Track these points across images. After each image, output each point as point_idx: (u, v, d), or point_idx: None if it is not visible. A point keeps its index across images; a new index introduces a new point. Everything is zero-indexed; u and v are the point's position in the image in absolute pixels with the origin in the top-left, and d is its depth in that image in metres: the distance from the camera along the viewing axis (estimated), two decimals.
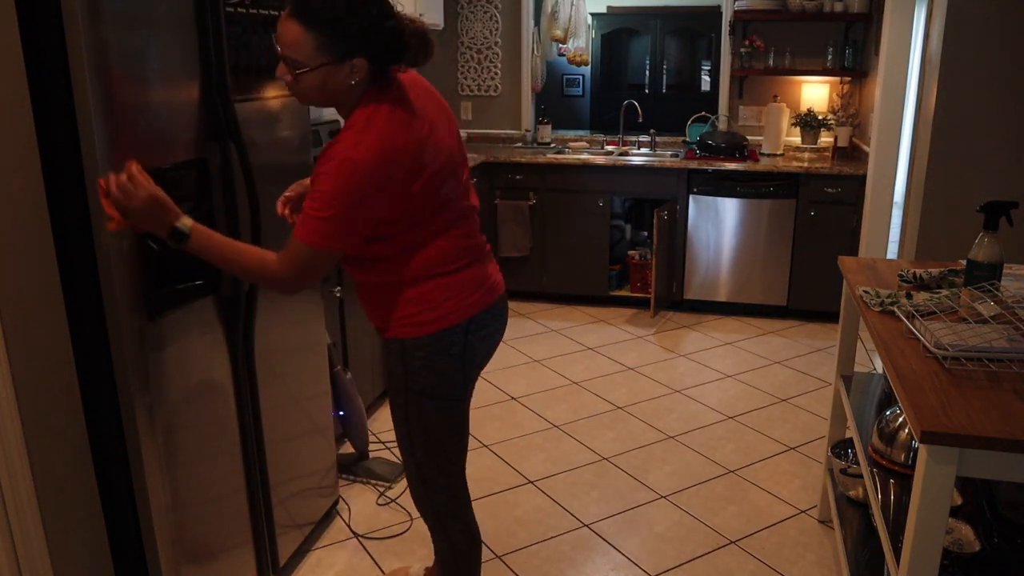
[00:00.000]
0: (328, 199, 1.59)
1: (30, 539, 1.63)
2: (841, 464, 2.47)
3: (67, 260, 1.66)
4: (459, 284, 1.80)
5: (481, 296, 1.85)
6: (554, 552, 2.59)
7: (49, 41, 1.53)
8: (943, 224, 3.55)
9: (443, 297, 1.78)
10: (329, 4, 1.56)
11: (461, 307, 1.81)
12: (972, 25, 3.33)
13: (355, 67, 1.60)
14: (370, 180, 1.59)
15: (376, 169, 1.59)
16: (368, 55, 1.59)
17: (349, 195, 1.59)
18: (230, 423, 2.08)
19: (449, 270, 1.79)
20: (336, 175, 1.59)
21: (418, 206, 1.70)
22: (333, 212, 1.60)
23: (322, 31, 1.55)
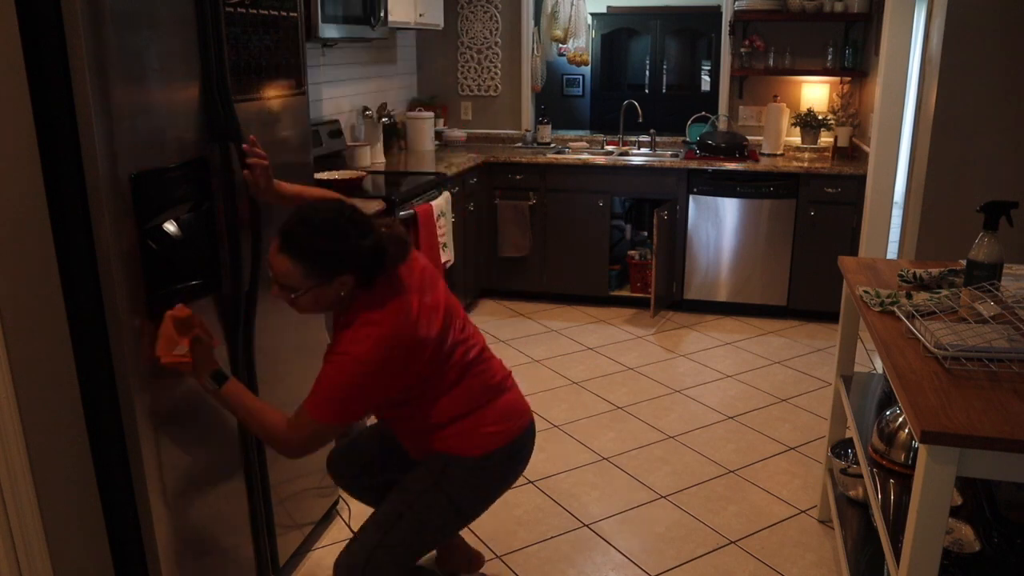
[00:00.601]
0: (334, 387, 1.76)
1: (30, 539, 1.63)
2: (841, 464, 2.47)
3: (67, 260, 1.66)
4: (494, 414, 1.94)
5: (515, 422, 1.98)
6: (554, 552, 2.59)
7: (49, 41, 1.53)
8: (943, 224, 3.55)
9: (481, 426, 1.92)
10: (311, 236, 1.71)
11: (504, 431, 1.94)
12: (972, 25, 3.33)
13: (343, 283, 1.75)
14: (372, 371, 1.75)
15: (376, 362, 1.75)
16: (352, 272, 1.75)
17: (353, 385, 1.76)
18: (230, 423, 2.08)
19: (475, 408, 1.92)
20: (340, 366, 1.75)
21: (425, 375, 1.85)
22: (341, 396, 1.76)
23: (308, 260, 1.71)
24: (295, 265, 1.71)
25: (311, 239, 1.71)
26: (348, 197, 1.98)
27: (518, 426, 1.98)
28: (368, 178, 3.90)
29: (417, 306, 1.81)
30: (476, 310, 4.93)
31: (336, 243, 1.71)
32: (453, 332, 1.91)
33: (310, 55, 3.69)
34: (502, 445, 1.93)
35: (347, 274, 1.73)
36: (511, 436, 1.95)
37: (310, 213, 1.74)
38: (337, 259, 1.72)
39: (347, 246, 1.72)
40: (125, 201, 1.65)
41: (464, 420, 1.91)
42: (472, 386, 1.92)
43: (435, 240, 3.76)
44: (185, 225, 1.82)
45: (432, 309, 1.85)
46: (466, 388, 1.91)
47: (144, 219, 1.70)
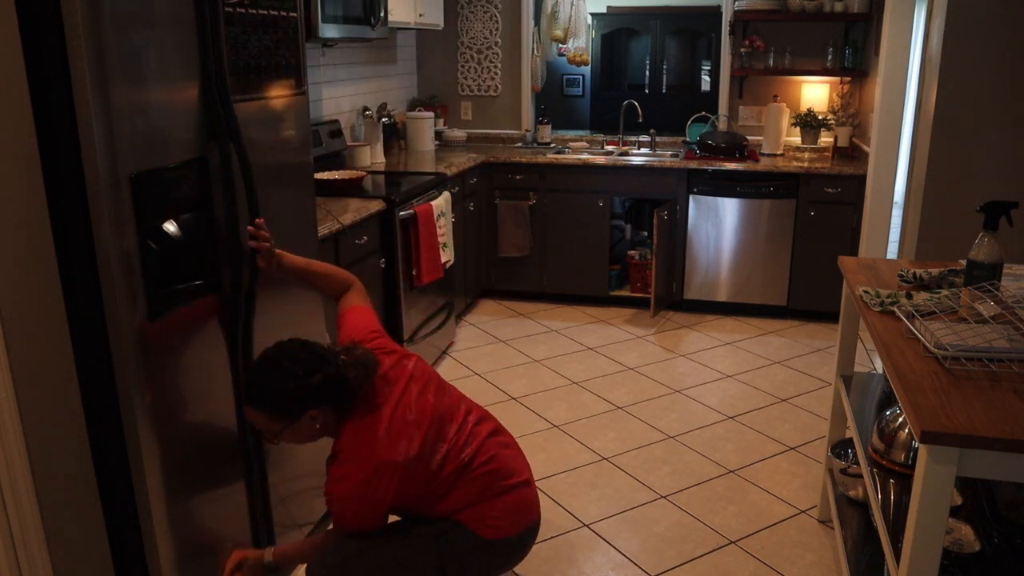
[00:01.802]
0: (343, 517, 1.88)
1: (30, 539, 1.63)
2: (841, 464, 2.47)
3: (67, 260, 1.66)
4: (501, 507, 1.95)
5: (520, 519, 1.98)
6: (554, 552, 2.59)
7: (49, 41, 1.53)
8: (943, 224, 3.55)
9: (488, 516, 1.93)
10: (260, 383, 1.81)
11: (508, 526, 1.95)
12: (972, 25, 3.33)
13: (312, 417, 1.81)
14: (361, 502, 1.82)
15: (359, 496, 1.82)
16: (314, 407, 1.80)
17: (353, 514, 1.85)
18: (230, 423, 2.08)
19: (479, 501, 1.93)
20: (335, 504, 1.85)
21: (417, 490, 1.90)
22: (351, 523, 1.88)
23: (266, 406, 1.80)
24: (259, 412, 1.81)
25: (261, 387, 1.80)
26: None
27: (523, 523, 2.00)
28: (368, 178, 3.90)
29: (393, 426, 1.85)
30: (476, 310, 4.93)
31: (289, 383, 1.78)
32: (444, 442, 1.93)
33: (310, 55, 3.69)
34: (508, 536, 1.96)
35: (310, 410, 1.80)
36: (515, 531, 1.97)
37: (258, 360, 1.87)
38: (292, 400, 1.79)
39: (297, 385, 1.78)
40: (125, 201, 1.65)
41: (471, 509, 1.93)
42: (468, 492, 1.94)
43: (435, 240, 3.77)
44: (185, 225, 1.82)
45: (414, 425, 1.88)
46: (462, 493, 1.93)
47: (144, 219, 1.70)
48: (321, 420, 1.82)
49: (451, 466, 1.92)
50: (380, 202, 3.39)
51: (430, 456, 1.89)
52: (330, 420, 1.85)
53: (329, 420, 1.84)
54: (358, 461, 1.82)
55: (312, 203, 2.48)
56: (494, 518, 1.93)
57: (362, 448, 1.82)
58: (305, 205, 2.43)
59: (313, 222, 2.50)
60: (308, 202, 2.45)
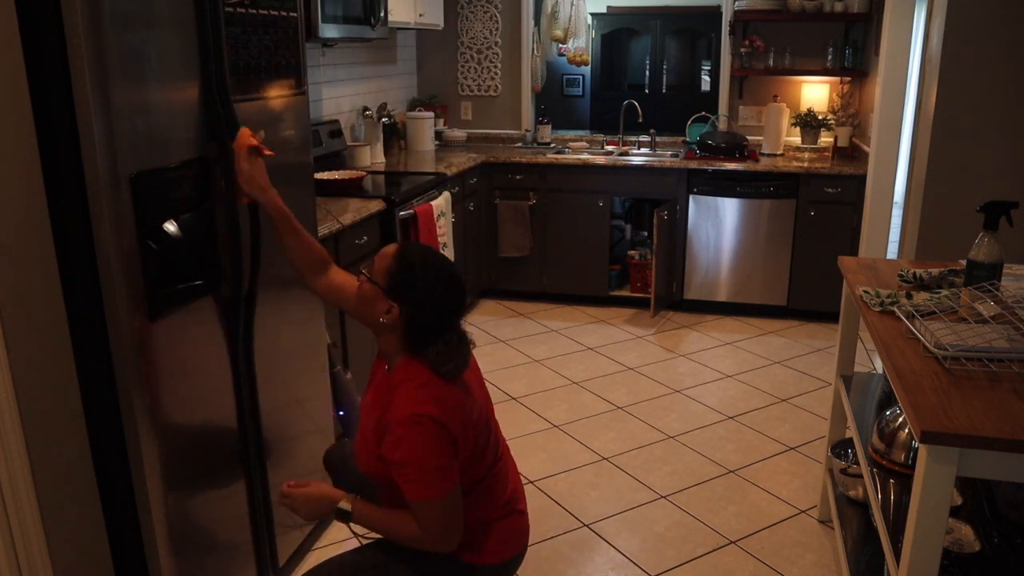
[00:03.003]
0: (417, 457, 1.66)
1: (30, 539, 1.63)
2: (841, 464, 2.47)
3: (67, 260, 1.66)
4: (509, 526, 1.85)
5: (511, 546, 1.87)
6: (554, 552, 2.59)
7: (49, 41, 1.53)
8: (943, 224, 3.55)
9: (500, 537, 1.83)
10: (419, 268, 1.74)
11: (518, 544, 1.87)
12: (972, 25, 3.33)
13: (391, 309, 1.72)
14: (441, 429, 1.66)
15: (441, 419, 1.66)
16: (402, 309, 1.71)
17: (430, 445, 1.66)
18: (230, 423, 2.08)
19: (496, 516, 1.83)
20: (411, 433, 1.66)
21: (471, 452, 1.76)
22: (431, 464, 1.66)
23: (398, 270, 1.73)
24: (391, 264, 1.74)
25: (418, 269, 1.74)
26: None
27: (512, 551, 1.89)
28: (368, 178, 3.90)
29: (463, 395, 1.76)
30: (476, 310, 4.93)
31: (419, 281, 1.73)
32: (488, 435, 1.84)
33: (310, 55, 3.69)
34: (497, 563, 1.85)
35: (398, 304, 1.72)
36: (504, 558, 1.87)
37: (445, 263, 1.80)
38: (406, 288, 1.72)
39: (423, 292, 1.73)
40: (125, 201, 1.65)
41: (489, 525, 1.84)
42: (495, 492, 1.85)
43: (435, 240, 3.76)
44: (185, 225, 1.82)
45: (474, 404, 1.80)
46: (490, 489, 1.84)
47: (144, 219, 1.70)
48: (388, 319, 1.72)
49: (488, 459, 1.82)
50: (380, 202, 3.39)
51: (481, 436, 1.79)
52: (394, 334, 1.75)
53: (393, 332, 1.75)
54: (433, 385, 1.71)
55: (312, 203, 2.48)
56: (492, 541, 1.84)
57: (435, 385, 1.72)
58: (305, 205, 2.43)
59: (313, 222, 2.50)
60: (308, 202, 2.46)
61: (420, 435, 1.65)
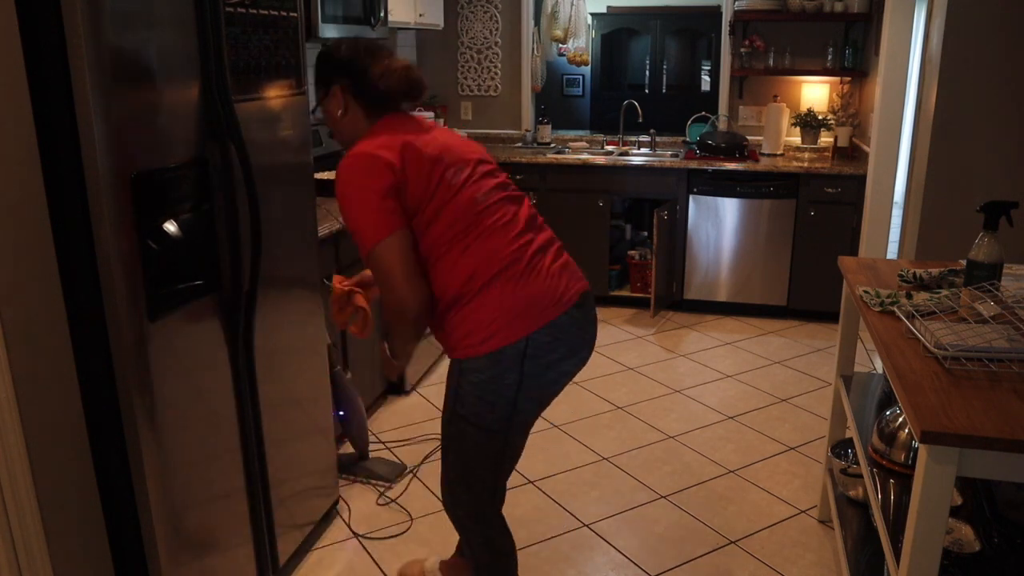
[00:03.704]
0: (346, 204, 1.74)
1: (30, 539, 1.63)
2: (841, 464, 2.47)
3: (67, 260, 1.66)
4: (505, 297, 1.74)
5: (539, 311, 1.75)
6: (554, 552, 2.59)
7: (49, 41, 1.53)
8: (943, 224, 3.55)
9: (490, 314, 1.74)
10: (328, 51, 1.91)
11: (512, 324, 1.74)
12: (972, 25, 3.33)
13: (336, 95, 1.87)
14: (358, 169, 1.74)
15: (361, 161, 1.74)
16: (340, 82, 1.86)
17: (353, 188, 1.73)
18: (230, 423, 2.08)
19: (499, 277, 1.74)
20: (345, 176, 1.74)
21: (434, 190, 1.77)
22: (357, 209, 1.73)
23: (315, 69, 1.91)
24: (315, 82, 1.92)
25: (321, 55, 1.90)
26: None
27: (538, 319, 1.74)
28: None
29: (427, 133, 1.84)
30: None
31: (326, 54, 1.89)
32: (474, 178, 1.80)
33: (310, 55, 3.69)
34: (512, 341, 1.72)
35: (336, 83, 1.85)
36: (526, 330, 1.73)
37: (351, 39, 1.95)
38: (325, 67, 1.88)
39: (333, 54, 1.88)
40: (125, 201, 1.64)
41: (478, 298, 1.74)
42: (493, 252, 1.75)
43: None
44: (185, 225, 1.82)
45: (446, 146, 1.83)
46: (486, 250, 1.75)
47: (144, 219, 1.70)
48: (346, 106, 1.86)
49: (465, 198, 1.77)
50: None
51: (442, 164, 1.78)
52: (357, 118, 1.87)
53: (355, 117, 1.87)
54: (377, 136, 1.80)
55: (312, 203, 2.48)
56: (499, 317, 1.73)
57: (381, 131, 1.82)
58: (305, 205, 2.43)
59: (313, 222, 2.50)
60: (308, 202, 2.46)
61: (352, 175, 1.73)
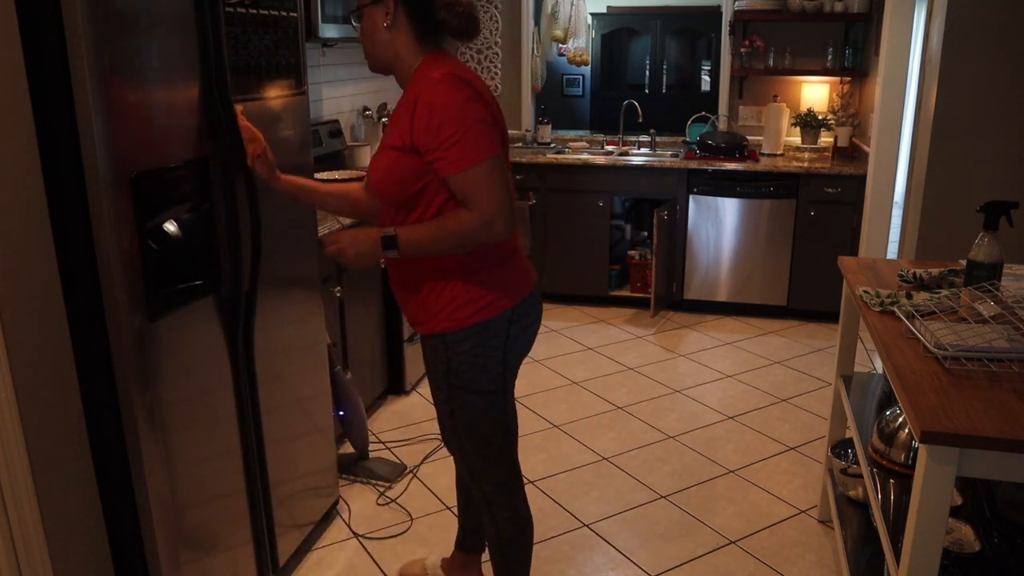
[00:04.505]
0: (453, 120, 1.65)
1: (30, 539, 1.63)
2: (841, 464, 2.47)
3: (67, 260, 1.66)
4: (503, 272, 1.83)
5: (522, 284, 1.88)
6: (554, 552, 2.59)
7: (49, 41, 1.53)
8: (943, 224, 3.55)
9: (488, 287, 1.81)
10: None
11: (504, 296, 1.82)
12: (972, 25, 3.33)
13: (388, 8, 1.75)
14: (459, 90, 1.67)
15: (475, 84, 1.70)
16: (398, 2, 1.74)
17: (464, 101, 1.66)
18: (230, 423, 2.08)
19: (497, 254, 1.82)
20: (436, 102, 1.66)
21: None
22: (467, 125, 1.65)
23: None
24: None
25: None
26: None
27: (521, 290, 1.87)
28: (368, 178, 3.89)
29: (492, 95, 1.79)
30: None
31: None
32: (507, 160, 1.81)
33: (310, 55, 3.68)
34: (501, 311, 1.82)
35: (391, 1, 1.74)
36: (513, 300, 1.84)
37: None
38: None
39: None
40: (125, 201, 1.65)
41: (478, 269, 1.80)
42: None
43: None
44: (185, 225, 1.82)
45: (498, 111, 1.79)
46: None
47: (144, 219, 1.70)
48: (390, 20, 1.75)
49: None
50: None
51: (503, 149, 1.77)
52: (404, 36, 1.77)
53: (403, 35, 1.76)
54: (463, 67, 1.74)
55: None
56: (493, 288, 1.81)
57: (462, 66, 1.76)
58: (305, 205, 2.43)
59: (313, 222, 2.50)
60: None
61: (452, 91, 1.66)
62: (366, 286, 3.35)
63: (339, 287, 3.06)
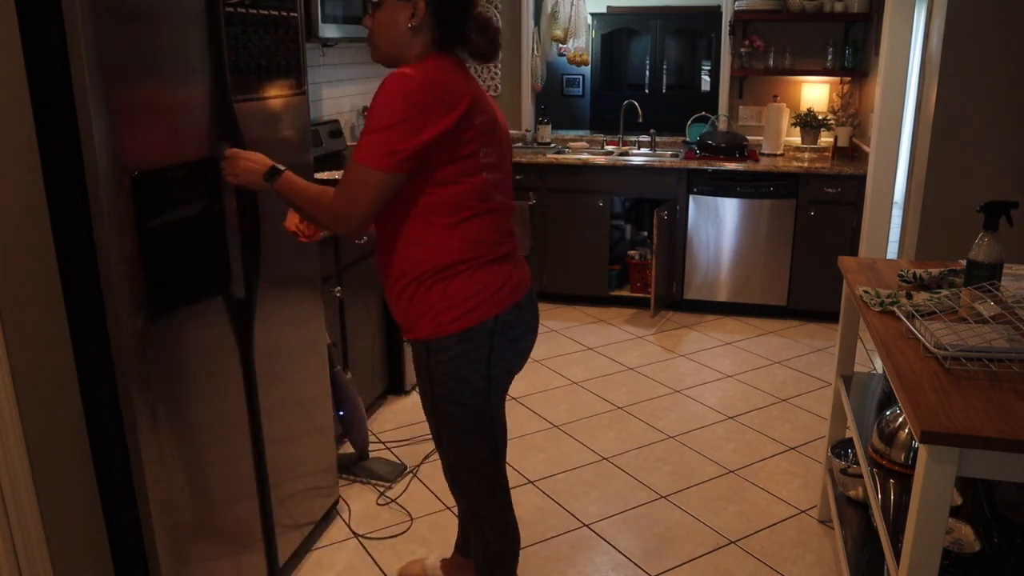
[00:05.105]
0: (381, 110, 1.63)
1: (30, 539, 1.63)
2: (841, 464, 2.47)
3: (67, 260, 1.66)
4: (486, 278, 1.77)
5: (507, 293, 1.81)
6: (554, 552, 2.59)
7: (49, 40, 1.53)
8: (943, 224, 3.55)
9: (469, 293, 1.75)
10: None
11: (485, 304, 1.77)
12: (972, 25, 3.33)
13: (417, 9, 1.70)
14: (422, 91, 1.63)
15: (428, 85, 1.64)
16: (429, 3, 1.69)
17: (402, 104, 1.62)
18: (231, 424, 2.08)
19: (481, 260, 1.76)
20: (389, 88, 1.63)
21: (463, 158, 1.71)
22: (386, 123, 1.62)
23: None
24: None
25: None
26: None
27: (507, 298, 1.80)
28: None
29: (480, 95, 1.73)
30: None
31: None
32: (496, 161, 1.80)
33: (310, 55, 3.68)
34: (482, 320, 1.77)
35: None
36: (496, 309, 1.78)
37: None
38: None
39: None
40: (126, 201, 1.65)
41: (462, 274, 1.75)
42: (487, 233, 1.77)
43: None
44: (186, 225, 1.82)
45: (487, 112, 1.76)
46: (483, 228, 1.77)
47: (144, 219, 1.70)
48: (416, 21, 1.70)
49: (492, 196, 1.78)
50: None
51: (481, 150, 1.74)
52: (423, 36, 1.72)
53: (423, 34, 1.72)
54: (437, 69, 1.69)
55: None
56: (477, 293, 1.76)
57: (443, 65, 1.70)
58: None
59: None
60: None
61: (394, 89, 1.63)
62: (366, 286, 3.35)
63: (339, 287, 3.06)
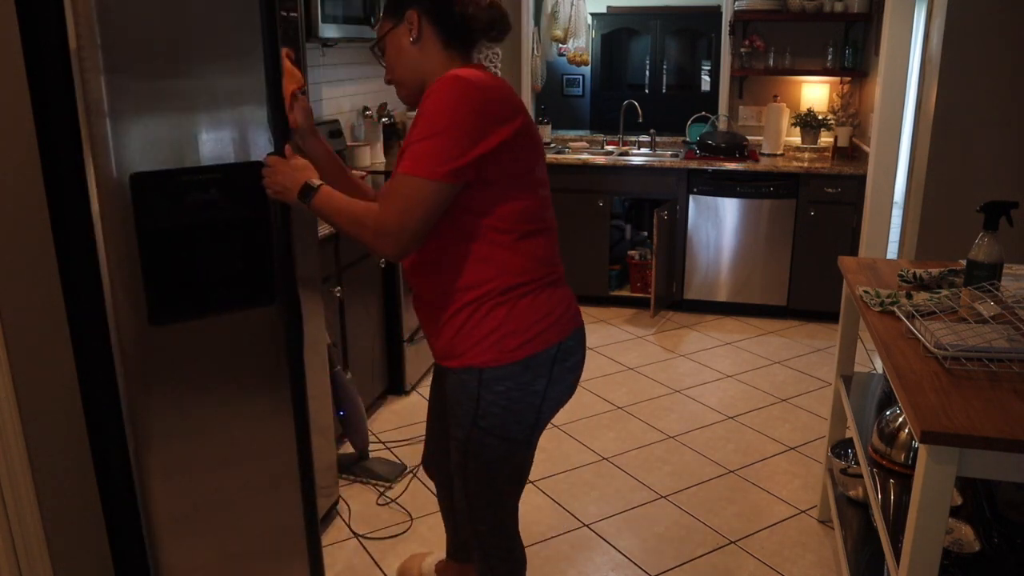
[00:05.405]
0: (432, 117, 1.51)
1: (30, 539, 1.63)
2: (841, 464, 2.47)
3: (67, 260, 1.66)
4: (551, 301, 1.68)
5: (571, 316, 1.72)
6: (554, 552, 2.59)
7: (49, 40, 1.53)
8: (943, 224, 3.55)
9: (536, 316, 1.64)
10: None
11: (552, 328, 1.66)
12: (972, 25, 3.33)
13: (411, 22, 1.65)
14: (480, 97, 1.53)
15: (487, 92, 1.54)
16: (418, 8, 1.64)
17: (456, 109, 1.51)
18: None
19: (544, 281, 1.68)
20: (441, 90, 1.52)
21: (522, 173, 1.62)
22: (439, 128, 1.51)
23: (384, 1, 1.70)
24: (381, 14, 1.71)
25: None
26: None
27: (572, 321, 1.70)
28: (368, 178, 3.90)
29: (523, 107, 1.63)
30: None
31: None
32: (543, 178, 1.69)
33: (310, 55, 3.69)
34: (548, 345, 1.64)
35: (413, 6, 1.64)
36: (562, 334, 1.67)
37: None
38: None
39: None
40: (126, 202, 1.65)
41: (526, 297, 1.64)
42: (547, 250, 1.70)
43: None
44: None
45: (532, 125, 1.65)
46: (542, 246, 1.69)
47: (145, 220, 1.70)
48: (415, 33, 1.64)
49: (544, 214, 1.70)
50: None
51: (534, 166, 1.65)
52: (432, 49, 1.66)
53: (431, 47, 1.66)
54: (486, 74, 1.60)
55: None
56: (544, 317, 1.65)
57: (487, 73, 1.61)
58: None
59: (313, 222, 2.50)
60: None
61: (447, 94, 1.51)
62: (366, 286, 3.35)
63: (339, 287, 3.06)
